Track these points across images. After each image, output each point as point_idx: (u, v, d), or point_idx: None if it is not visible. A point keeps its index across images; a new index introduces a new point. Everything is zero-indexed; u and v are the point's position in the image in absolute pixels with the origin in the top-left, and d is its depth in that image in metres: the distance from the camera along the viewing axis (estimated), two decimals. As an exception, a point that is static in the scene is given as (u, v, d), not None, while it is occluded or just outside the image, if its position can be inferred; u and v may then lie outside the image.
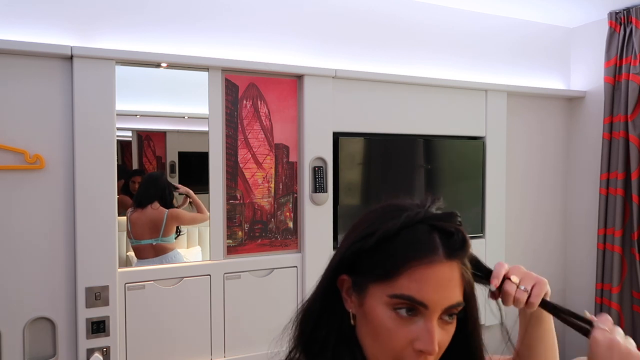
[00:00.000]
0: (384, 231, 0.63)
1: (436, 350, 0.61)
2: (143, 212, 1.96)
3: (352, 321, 0.68)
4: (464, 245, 0.64)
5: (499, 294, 0.71)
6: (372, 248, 0.64)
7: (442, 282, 0.62)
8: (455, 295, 0.63)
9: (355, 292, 0.67)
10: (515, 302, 0.69)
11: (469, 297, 0.67)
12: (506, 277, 0.70)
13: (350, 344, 0.67)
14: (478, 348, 0.71)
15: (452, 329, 0.65)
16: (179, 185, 1.99)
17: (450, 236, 0.63)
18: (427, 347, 0.60)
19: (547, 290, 0.71)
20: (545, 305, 0.71)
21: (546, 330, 0.78)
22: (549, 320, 0.78)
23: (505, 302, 0.70)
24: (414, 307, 0.61)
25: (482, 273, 0.70)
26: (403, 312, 0.61)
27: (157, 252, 1.98)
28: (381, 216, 0.66)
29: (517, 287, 0.69)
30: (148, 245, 1.97)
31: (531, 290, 0.69)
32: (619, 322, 2.50)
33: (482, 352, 0.72)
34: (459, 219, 0.66)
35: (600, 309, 2.56)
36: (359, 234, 0.66)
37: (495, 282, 0.69)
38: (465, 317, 0.68)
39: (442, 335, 0.63)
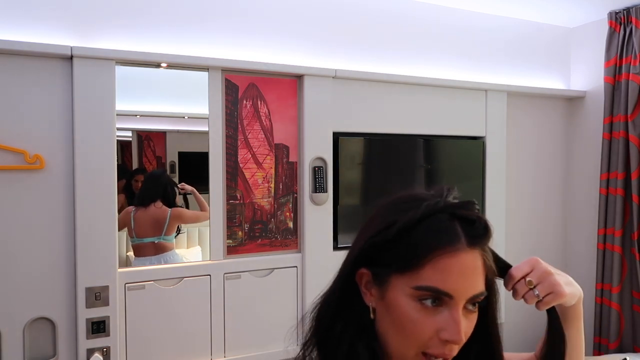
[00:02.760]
0: (405, 221, 0.62)
1: (463, 340, 0.61)
2: (146, 210, 1.97)
3: (372, 315, 0.67)
4: (486, 232, 0.63)
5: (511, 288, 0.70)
6: (393, 239, 0.63)
7: (465, 271, 0.61)
8: (479, 284, 0.63)
9: (375, 286, 0.66)
10: (524, 300, 0.68)
11: (490, 285, 0.66)
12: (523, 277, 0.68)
13: (368, 339, 0.66)
14: (495, 336, 0.71)
15: (475, 317, 0.64)
16: (183, 185, 1.99)
17: (472, 224, 0.63)
18: (454, 337, 0.60)
19: (564, 298, 0.68)
20: (550, 312, 0.70)
21: (573, 332, 0.75)
22: (579, 321, 0.75)
23: (514, 297, 0.69)
24: (439, 298, 0.61)
25: (498, 265, 0.69)
26: (428, 302, 0.61)
27: (158, 250, 1.98)
28: (399, 207, 0.65)
29: (530, 289, 0.67)
30: (150, 243, 1.97)
31: (544, 297, 0.67)
32: (618, 322, 2.50)
33: (500, 341, 0.71)
34: (477, 207, 0.65)
35: (600, 309, 2.56)
36: (378, 226, 0.65)
37: (508, 287, 0.69)
38: (486, 305, 0.67)
39: (466, 324, 0.62)
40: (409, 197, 0.67)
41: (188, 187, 1.99)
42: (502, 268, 0.70)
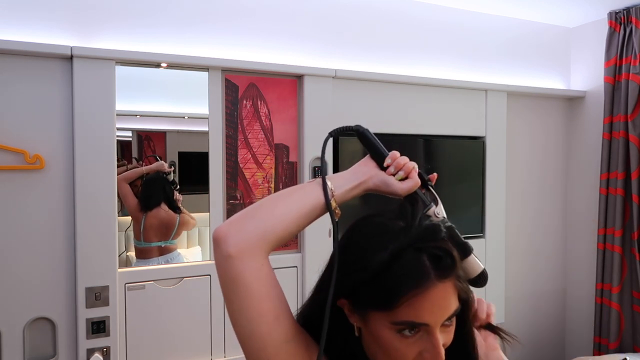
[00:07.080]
0: (376, 265, 0.66)
1: (443, 358, 0.67)
2: (155, 215, 1.97)
3: (356, 333, 0.73)
4: (453, 265, 0.68)
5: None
6: (367, 281, 0.67)
7: (438, 303, 0.66)
8: (452, 306, 0.68)
9: (357, 314, 0.71)
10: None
11: (464, 301, 0.72)
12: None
13: (356, 352, 0.74)
14: (471, 340, 0.79)
15: (452, 329, 0.70)
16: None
17: (439, 260, 0.66)
18: (435, 358, 0.67)
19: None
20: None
21: None
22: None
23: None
24: (415, 327, 0.66)
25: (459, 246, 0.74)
26: (406, 332, 0.67)
27: (162, 252, 1.98)
28: (369, 244, 0.69)
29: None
30: (156, 247, 1.97)
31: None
32: (618, 322, 2.50)
33: (474, 340, 0.79)
34: (444, 231, 0.69)
35: (600, 309, 2.56)
36: (351, 267, 0.69)
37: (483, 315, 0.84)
38: (461, 314, 0.73)
39: (445, 337, 0.68)
40: (376, 228, 0.71)
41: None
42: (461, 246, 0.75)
